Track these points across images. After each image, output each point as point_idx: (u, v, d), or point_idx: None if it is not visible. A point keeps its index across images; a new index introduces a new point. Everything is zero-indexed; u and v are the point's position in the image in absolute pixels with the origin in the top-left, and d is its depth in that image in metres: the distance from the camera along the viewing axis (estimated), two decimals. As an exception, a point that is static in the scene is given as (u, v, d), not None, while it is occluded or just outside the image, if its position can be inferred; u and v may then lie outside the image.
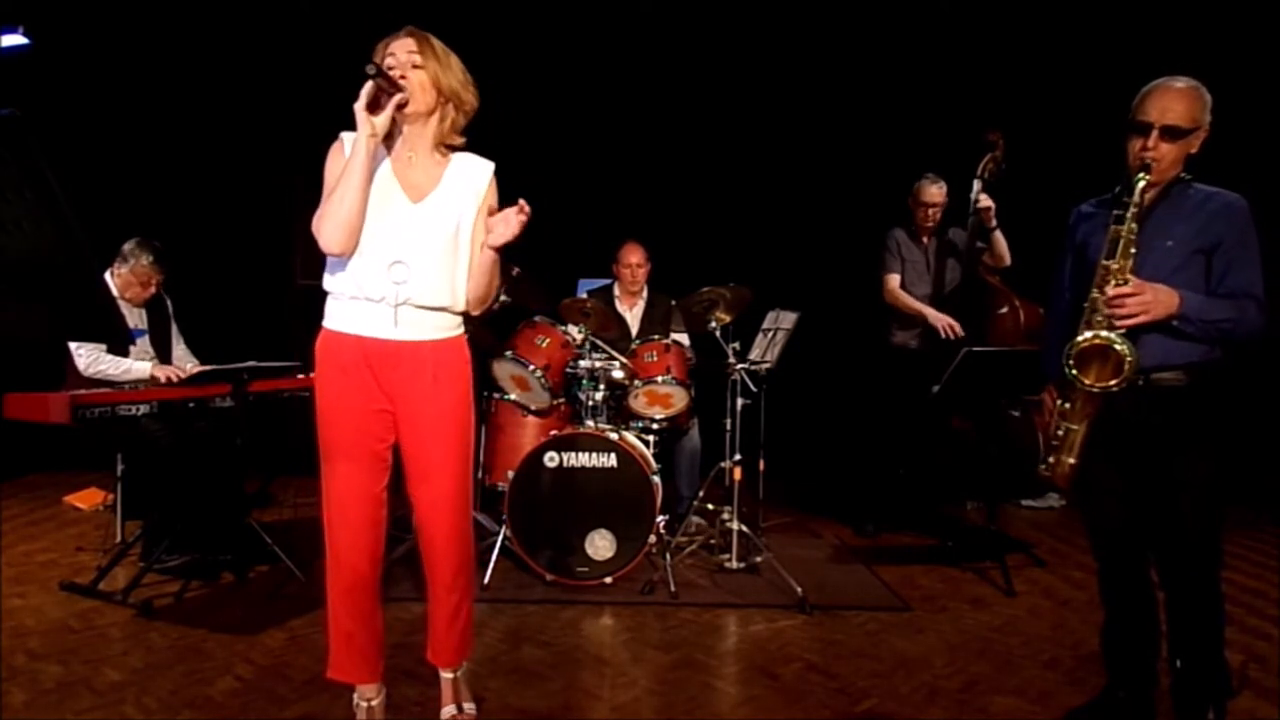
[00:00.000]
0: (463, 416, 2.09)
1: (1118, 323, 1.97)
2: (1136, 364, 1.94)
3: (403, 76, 1.92)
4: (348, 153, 1.96)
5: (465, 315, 2.14)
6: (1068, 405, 2.09)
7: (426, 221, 2.00)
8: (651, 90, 5.51)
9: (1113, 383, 1.97)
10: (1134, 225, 1.98)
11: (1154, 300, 1.95)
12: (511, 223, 2.00)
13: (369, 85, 1.86)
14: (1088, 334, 2.00)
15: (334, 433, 2.01)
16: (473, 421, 2.14)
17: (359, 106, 1.87)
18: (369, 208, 1.94)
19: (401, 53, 1.95)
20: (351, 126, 1.93)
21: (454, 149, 2.09)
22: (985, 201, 3.77)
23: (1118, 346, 1.95)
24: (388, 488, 2.09)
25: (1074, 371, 2.00)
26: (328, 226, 1.90)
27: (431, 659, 2.20)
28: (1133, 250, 1.99)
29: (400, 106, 1.93)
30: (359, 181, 1.89)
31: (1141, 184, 1.99)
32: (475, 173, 2.08)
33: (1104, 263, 2.01)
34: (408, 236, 1.98)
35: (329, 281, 2.02)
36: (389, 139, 2.01)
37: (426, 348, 2.02)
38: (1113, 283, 1.98)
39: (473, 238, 2.07)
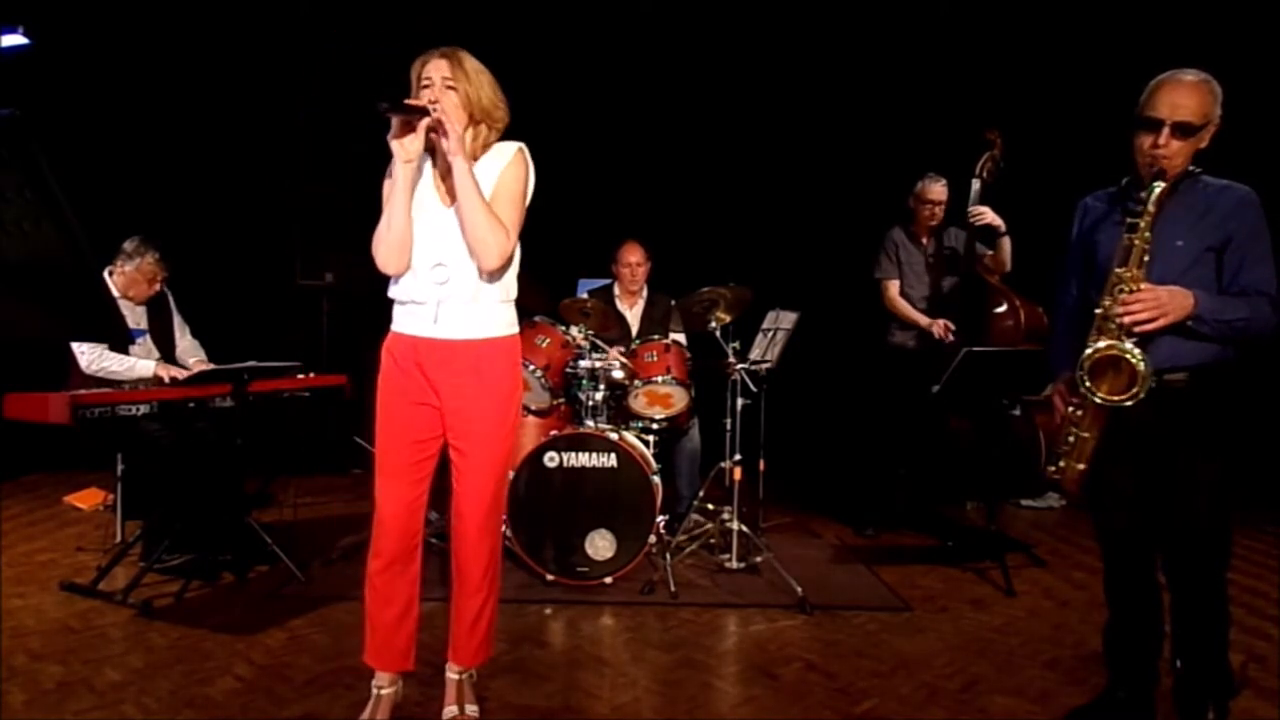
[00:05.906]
0: (501, 418, 2.14)
1: (1135, 328, 1.93)
2: (1149, 376, 1.90)
3: (435, 100, 1.98)
4: None
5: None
6: (1079, 412, 2.05)
7: (459, 223, 2.06)
8: (651, 90, 5.51)
9: (1124, 397, 1.93)
10: (1148, 234, 1.94)
11: (1169, 302, 1.91)
12: None
13: (395, 118, 1.95)
14: (1101, 344, 1.96)
15: (386, 426, 2.12)
16: (514, 424, 2.19)
17: (390, 138, 1.97)
18: (414, 217, 2.06)
19: (436, 75, 2.02)
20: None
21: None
22: (979, 217, 3.76)
23: (1131, 357, 1.92)
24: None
25: (1087, 383, 1.97)
26: (380, 250, 2.06)
27: (452, 658, 2.25)
28: (1145, 258, 1.95)
29: (431, 130, 1.99)
30: (402, 208, 2.03)
31: (1157, 191, 1.94)
32: (498, 160, 2.12)
33: (1116, 270, 1.97)
34: (445, 239, 2.07)
35: (390, 290, 2.15)
36: (434, 151, 2.08)
37: (470, 347, 2.09)
38: (1126, 290, 1.95)
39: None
